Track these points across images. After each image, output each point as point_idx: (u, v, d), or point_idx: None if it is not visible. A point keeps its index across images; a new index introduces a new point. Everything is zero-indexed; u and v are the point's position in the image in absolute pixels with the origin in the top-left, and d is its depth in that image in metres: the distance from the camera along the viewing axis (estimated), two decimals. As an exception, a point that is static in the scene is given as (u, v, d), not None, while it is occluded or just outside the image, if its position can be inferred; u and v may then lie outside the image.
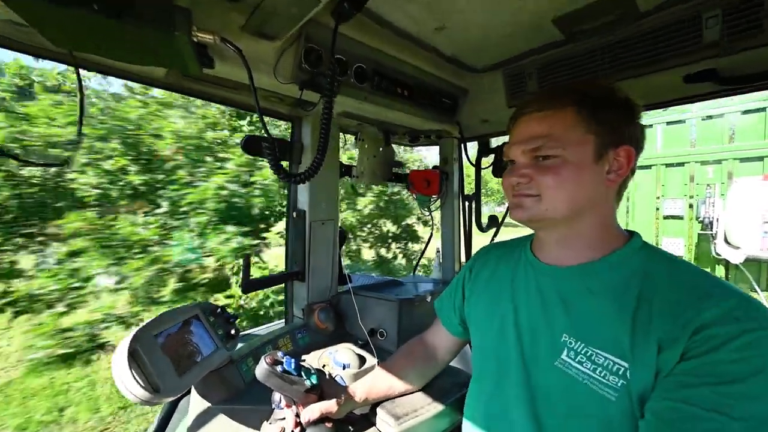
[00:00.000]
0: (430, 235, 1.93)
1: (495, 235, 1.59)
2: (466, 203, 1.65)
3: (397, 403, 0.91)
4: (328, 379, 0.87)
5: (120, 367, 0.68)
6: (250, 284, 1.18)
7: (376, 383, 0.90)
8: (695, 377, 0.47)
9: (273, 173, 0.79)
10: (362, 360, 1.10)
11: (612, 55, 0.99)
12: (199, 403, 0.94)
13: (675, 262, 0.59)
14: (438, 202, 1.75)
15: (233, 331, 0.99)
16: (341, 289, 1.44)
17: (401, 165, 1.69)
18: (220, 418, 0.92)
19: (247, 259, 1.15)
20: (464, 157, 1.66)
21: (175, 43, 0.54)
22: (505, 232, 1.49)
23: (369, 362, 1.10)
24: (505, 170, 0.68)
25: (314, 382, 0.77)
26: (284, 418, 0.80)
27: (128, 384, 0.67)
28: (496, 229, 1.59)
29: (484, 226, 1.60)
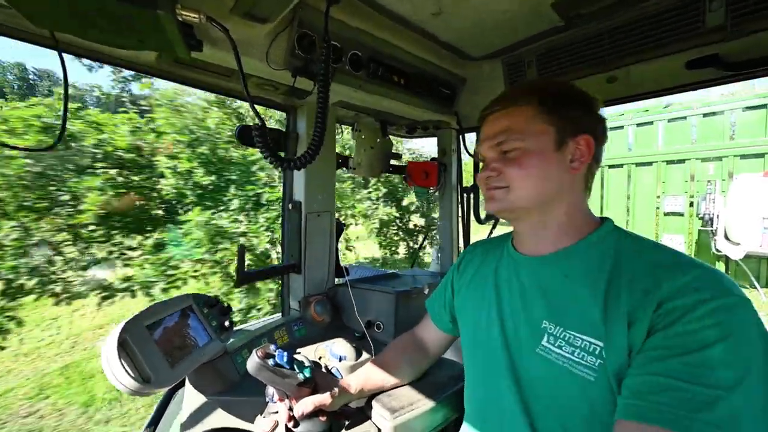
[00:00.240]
0: (428, 227, 1.91)
1: (493, 227, 1.57)
2: (465, 195, 1.63)
3: (393, 397, 0.90)
4: (322, 371, 0.86)
5: (109, 357, 0.67)
6: (245, 276, 1.17)
7: (371, 375, 0.90)
8: (663, 350, 0.49)
9: (268, 162, 0.77)
10: (358, 352, 1.09)
11: (611, 41, 0.97)
12: (194, 396, 0.93)
13: (643, 242, 0.62)
14: (436, 194, 1.74)
15: (227, 323, 0.98)
16: (338, 281, 1.43)
17: (399, 157, 1.67)
18: (215, 410, 0.91)
19: (241, 251, 1.13)
20: (463, 148, 1.64)
21: (159, 22, 0.52)
22: (504, 223, 1.47)
23: (365, 354, 1.10)
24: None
25: (307, 375, 0.76)
26: (278, 412, 0.79)
27: (118, 374, 0.66)
28: (494, 221, 1.57)
29: (482, 217, 1.59)
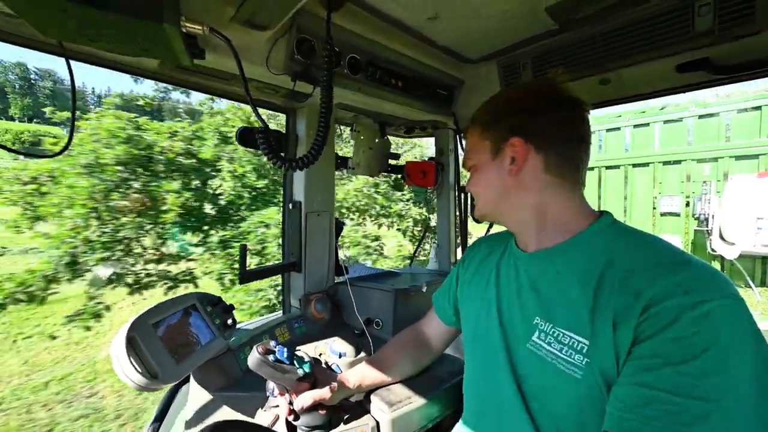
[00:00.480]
0: (426, 225, 1.94)
1: (490, 226, 1.60)
2: (462, 194, 1.66)
3: (391, 390, 0.93)
4: (321, 367, 0.88)
5: (118, 354, 0.70)
6: (247, 275, 1.20)
7: (369, 371, 0.92)
8: (652, 359, 0.48)
9: (271, 163, 0.78)
10: (358, 349, 1.12)
11: (605, 44, 0.99)
12: (198, 391, 0.96)
13: (640, 238, 0.60)
14: (434, 194, 1.76)
15: (230, 321, 1.01)
16: (338, 279, 1.45)
17: (398, 156, 1.70)
18: (219, 405, 0.94)
19: (243, 251, 1.15)
20: (460, 148, 1.66)
21: (164, 34, 0.54)
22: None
23: (364, 351, 1.12)
24: None
25: (307, 370, 0.79)
26: (278, 406, 0.82)
27: (126, 370, 0.69)
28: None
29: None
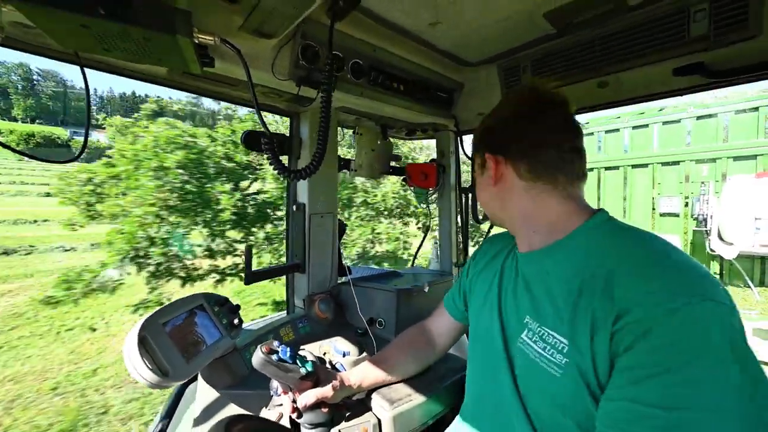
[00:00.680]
0: (428, 227, 1.96)
1: (491, 227, 1.62)
2: (463, 196, 1.68)
3: (392, 388, 0.95)
4: (324, 366, 0.91)
5: (131, 353, 0.72)
6: (252, 275, 1.22)
7: (371, 370, 0.94)
8: (635, 371, 0.47)
9: (273, 169, 0.81)
10: (361, 348, 1.14)
11: (603, 48, 1.01)
12: (206, 389, 0.98)
13: (630, 236, 0.59)
14: (435, 195, 1.78)
15: (236, 321, 1.03)
16: (341, 280, 1.48)
17: (399, 158, 1.72)
18: (226, 402, 0.97)
19: (248, 251, 1.18)
20: (461, 150, 1.68)
21: (177, 45, 0.56)
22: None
23: (367, 350, 1.15)
24: None
25: (309, 369, 0.81)
26: (282, 404, 0.84)
27: (139, 368, 0.71)
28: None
29: (480, 217, 1.63)
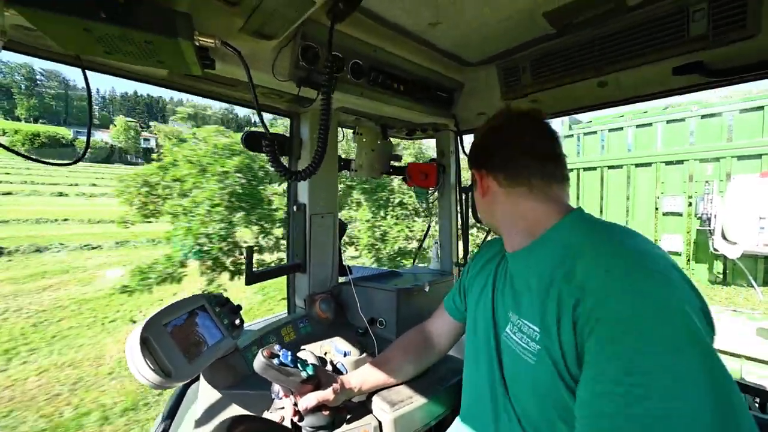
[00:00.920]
0: (428, 226, 1.96)
1: (488, 231, 1.62)
2: (463, 195, 1.68)
3: (393, 390, 0.96)
4: (324, 369, 0.91)
5: (133, 354, 0.72)
6: (253, 276, 1.22)
7: (372, 373, 0.95)
8: (598, 350, 0.48)
9: (274, 170, 0.82)
10: (362, 348, 1.14)
11: (602, 48, 1.01)
12: (208, 390, 0.98)
13: (598, 228, 0.63)
14: (436, 194, 1.79)
15: (238, 321, 1.03)
16: (342, 279, 1.48)
17: (399, 158, 1.72)
18: (228, 403, 0.97)
19: (249, 252, 1.18)
20: (461, 149, 1.68)
21: (179, 47, 0.57)
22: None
23: (368, 349, 1.15)
24: None
25: (310, 372, 0.82)
26: (284, 408, 0.85)
27: (141, 369, 0.71)
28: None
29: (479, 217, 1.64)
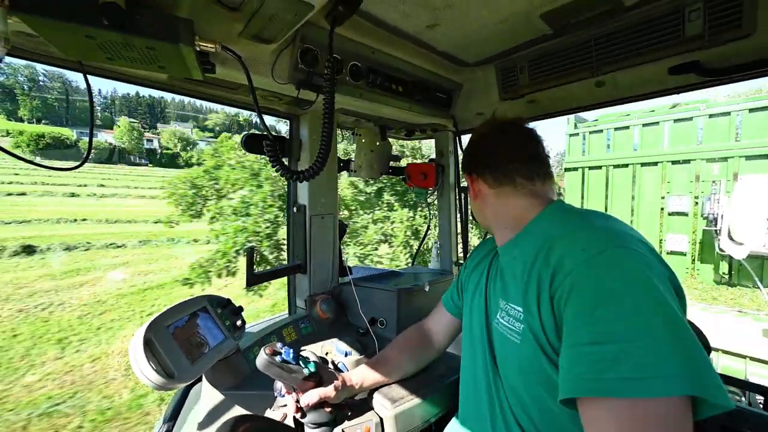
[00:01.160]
0: (428, 226, 1.97)
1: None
2: (462, 195, 1.69)
3: (394, 387, 0.97)
4: (326, 367, 0.92)
5: (136, 356, 0.73)
6: (254, 277, 1.23)
7: (371, 370, 0.97)
8: (574, 319, 0.53)
9: (275, 171, 0.82)
10: (363, 347, 1.15)
11: (599, 48, 1.02)
12: (210, 390, 0.99)
13: (575, 214, 0.69)
14: (435, 195, 1.80)
15: (239, 322, 1.04)
16: (342, 280, 1.49)
17: (398, 159, 1.73)
18: (230, 403, 0.98)
19: (250, 253, 1.19)
20: (459, 150, 1.69)
21: (180, 53, 0.57)
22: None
23: (369, 350, 1.16)
24: None
25: (312, 369, 0.83)
26: (286, 405, 0.86)
27: (145, 371, 0.72)
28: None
29: (479, 217, 1.64)
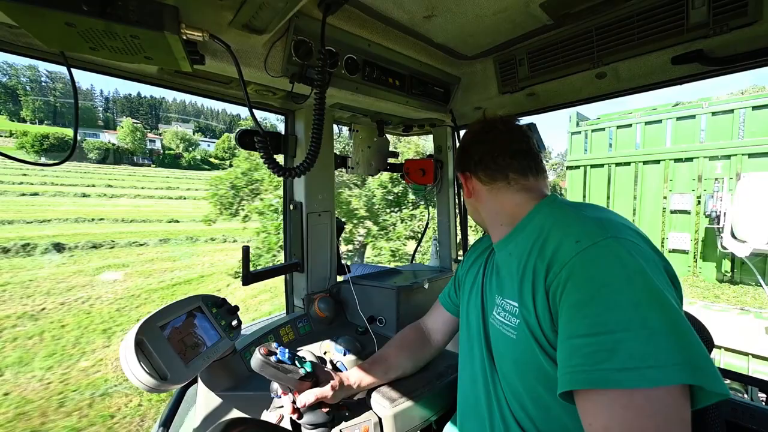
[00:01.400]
0: (427, 223, 1.95)
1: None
2: (461, 191, 1.66)
3: (392, 387, 0.95)
4: (322, 367, 0.90)
5: (127, 357, 0.71)
6: (250, 276, 1.21)
7: (369, 370, 0.95)
8: (570, 309, 0.54)
9: (267, 168, 0.80)
10: (362, 346, 1.13)
11: (599, 38, 1.00)
12: (206, 392, 0.97)
13: (568, 208, 0.68)
14: (434, 191, 1.77)
15: (235, 322, 1.02)
16: (340, 278, 1.47)
17: (396, 155, 1.70)
18: (226, 405, 0.96)
19: (246, 252, 1.17)
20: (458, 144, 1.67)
21: (165, 42, 0.55)
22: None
23: (368, 348, 1.14)
24: None
25: (308, 369, 0.81)
26: (282, 406, 0.84)
27: (136, 372, 0.70)
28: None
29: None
